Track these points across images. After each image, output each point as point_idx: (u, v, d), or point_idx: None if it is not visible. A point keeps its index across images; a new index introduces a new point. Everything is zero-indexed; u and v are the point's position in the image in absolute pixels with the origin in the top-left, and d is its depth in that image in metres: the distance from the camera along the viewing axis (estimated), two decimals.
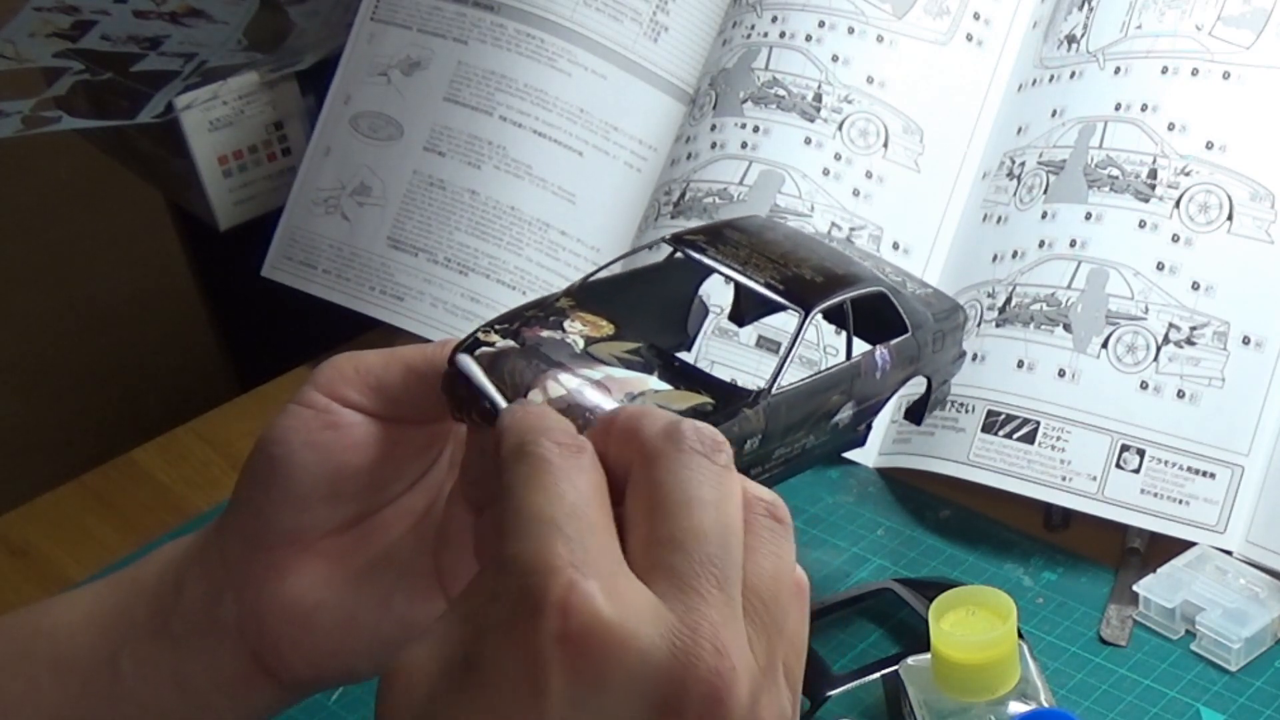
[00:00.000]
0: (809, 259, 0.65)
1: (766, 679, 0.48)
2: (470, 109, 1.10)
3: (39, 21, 1.31)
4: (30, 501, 1.05)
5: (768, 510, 0.50)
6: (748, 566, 0.49)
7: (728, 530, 0.48)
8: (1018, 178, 0.97)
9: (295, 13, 1.31)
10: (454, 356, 0.57)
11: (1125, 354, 0.90)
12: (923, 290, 0.75)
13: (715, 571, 0.47)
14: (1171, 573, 0.85)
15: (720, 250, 0.64)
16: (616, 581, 0.47)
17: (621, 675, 0.46)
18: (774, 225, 0.68)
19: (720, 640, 0.46)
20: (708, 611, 0.47)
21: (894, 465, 0.96)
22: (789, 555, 0.50)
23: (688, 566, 0.47)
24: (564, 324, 0.59)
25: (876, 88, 1.01)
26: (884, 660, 0.80)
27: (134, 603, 0.63)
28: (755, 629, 0.48)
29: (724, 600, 0.47)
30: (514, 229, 1.08)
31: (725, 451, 0.50)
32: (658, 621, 0.46)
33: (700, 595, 0.47)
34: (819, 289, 0.64)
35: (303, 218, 1.14)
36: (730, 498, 0.49)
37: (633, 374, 0.57)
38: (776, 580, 0.49)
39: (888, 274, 0.72)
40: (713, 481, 0.49)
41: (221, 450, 1.08)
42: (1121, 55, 0.96)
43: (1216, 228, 0.90)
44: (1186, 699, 0.81)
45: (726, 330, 0.97)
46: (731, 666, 0.46)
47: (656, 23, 1.10)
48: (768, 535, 0.50)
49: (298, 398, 0.60)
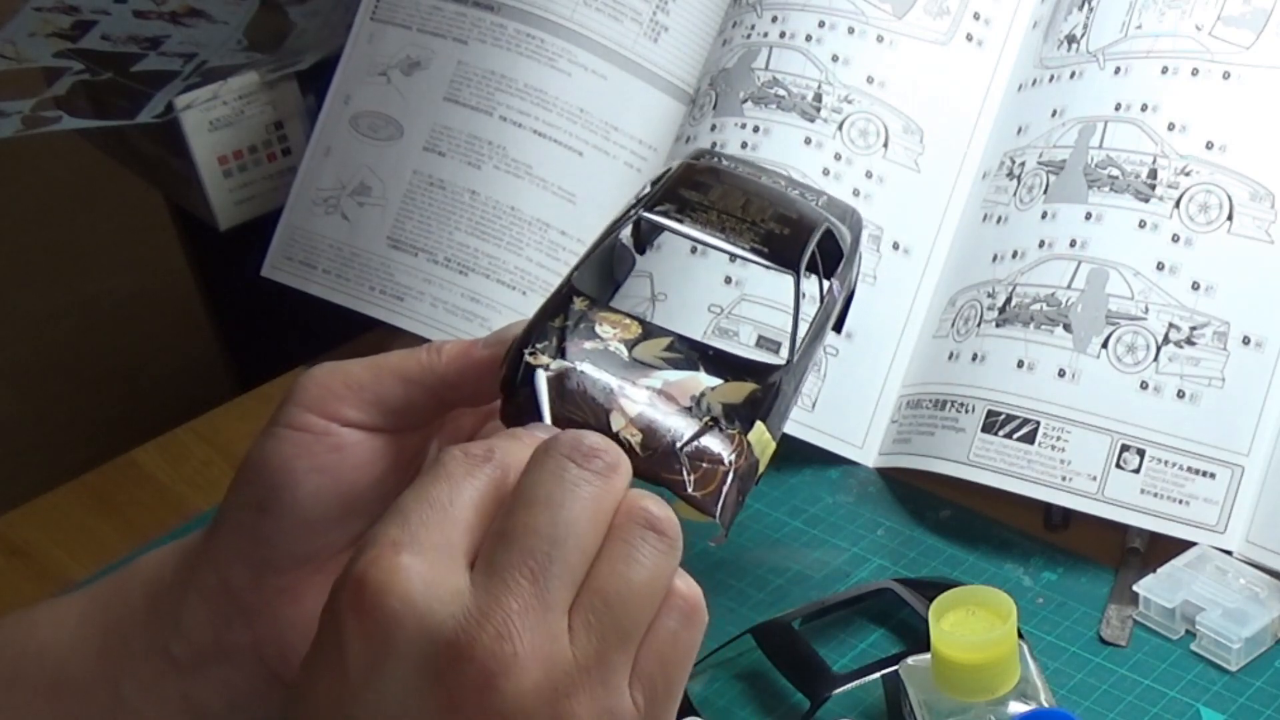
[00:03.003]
0: (765, 207, 0.67)
1: (588, 678, 0.50)
2: (470, 109, 1.10)
3: (39, 21, 1.31)
4: (30, 501, 1.05)
5: (647, 522, 0.51)
6: (599, 568, 0.50)
7: (564, 528, 0.50)
8: (1018, 178, 0.97)
9: (295, 13, 1.31)
10: (519, 391, 0.57)
11: (1125, 354, 0.90)
12: (823, 200, 0.75)
13: (532, 565, 0.49)
14: (1171, 573, 0.85)
15: (692, 218, 0.66)
16: (433, 564, 0.49)
17: (406, 645, 0.48)
18: (716, 171, 0.69)
19: (508, 626, 0.48)
20: (506, 599, 0.49)
21: (894, 465, 0.97)
22: (660, 567, 0.51)
23: (506, 558, 0.50)
24: (596, 329, 0.60)
25: (876, 88, 1.01)
26: (884, 660, 0.80)
27: (127, 627, 0.62)
28: (584, 627, 0.50)
29: (532, 592, 0.49)
30: (514, 229, 1.08)
31: (602, 458, 0.51)
32: (453, 602, 0.49)
33: (505, 585, 0.49)
34: (792, 242, 0.66)
35: (303, 218, 1.14)
36: (584, 500, 0.51)
37: (684, 374, 0.59)
38: (631, 587, 0.51)
39: (806, 199, 0.73)
40: (567, 482, 0.51)
41: (221, 450, 1.08)
42: (1121, 55, 0.96)
43: (1216, 228, 0.90)
44: (1186, 699, 0.81)
45: (726, 331, 0.97)
46: (513, 652, 0.48)
47: (656, 23, 1.10)
48: (636, 543, 0.51)
49: (286, 419, 0.60)
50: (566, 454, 0.51)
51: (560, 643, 0.49)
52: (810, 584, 0.90)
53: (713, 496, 0.57)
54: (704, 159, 0.71)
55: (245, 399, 1.13)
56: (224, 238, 1.24)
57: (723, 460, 0.57)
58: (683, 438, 0.57)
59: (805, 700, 0.80)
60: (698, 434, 0.57)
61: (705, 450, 0.57)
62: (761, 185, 0.69)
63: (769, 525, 0.94)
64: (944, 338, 0.97)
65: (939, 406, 0.95)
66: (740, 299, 0.98)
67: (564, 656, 0.49)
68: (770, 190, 0.69)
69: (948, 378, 0.95)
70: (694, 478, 0.56)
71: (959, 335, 0.96)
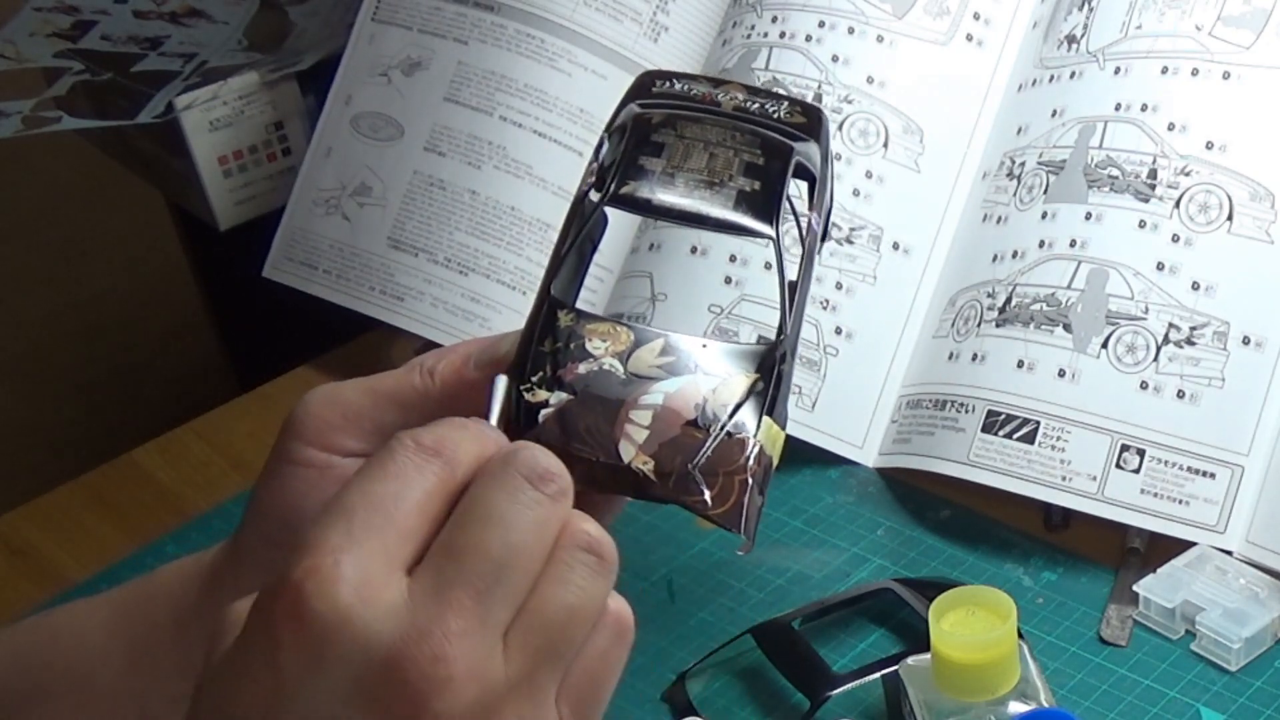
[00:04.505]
0: (730, 159, 0.64)
1: (517, 695, 0.50)
2: (470, 109, 1.10)
3: (39, 21, 1.31)
4: (30, 501, 1.05)
5: (587, 546, 0.51)
6: (540, 590, 0.50)
7: (514, 551, 0.50)
8: (1018, 178, 0.97)
9: (295, 13, 1.31)
10: (524, 435, 0.56)
11: (1125, 354, 0.90)
12: (785, 108, 0.69)
13: (477, 585, 0.49)
14: (1171, 573, 0.85)
15: (661, 191, 0.62)
16: (373, 575, 0.48)
17: (340, 660, 0.48)
18: (672, 120, 0.64)
19: (444, 648, 0.48)
20: (448, 620, 0.48)
21: (894, 465, 0.97)
22: (596, 590, 0.51)
23: (453, 575, 0.49)
24: (587, 348, 0.59)
25: (876, 88, 1.01)
26: (884, 660, 0.80)
27: (155, 645, 0.62)
28: (520, 648, 0.50)
29: (474, 613, 0.49)
30: (514, 229, 1.08)
31: (556, 482, 0.51)
32: (391, 618, 0.48)
33: (448, 604, 0.49)
34: (764, 197, 0.63)
35: (303, 218, 1.14)
36: (535, 524, 0.50)
37: (682, 381, 0.58)
38: (569, 610, 0.51)
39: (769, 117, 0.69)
40: (520, 503, 0.50)
41: (221, 450, 1.08)
42: (1121, 55, 0.96)
43: (1216, 228, 0.90)
44: (1186, 699, 0.81)
45: (726, 331, 0.97)
46: (447, 675, 0.48)
47: (656, 23, 1.10)
48: (577, 567, 0.51)
49: (290, 455, 0.60)
50: (525, 474, 0.51)
51: (494, 662, 0.49)
52: (810, 584, 0.90)
53: (735, 511, 0.56)
54: (652, 93, 0.66)
55: (245, 399, 1.13)
56: (224, 238, 1.24)
57: (738, 470, 0.56)
58: (694, 456, 0.56)
59: (805, 700, 0.80)
60: (708, 448, 0.57)
61: (719, 463, 0.56)
62: (721, 125, 0.65)
63: (769, 525, 0.94)
64: (944, 338, 0.97)
65: (939, 406, 0.95)
66: (740, 299, 0.98)
67: (497, 676, 0.49)
68: (731, 129, 0.65)
69: (948, 378, 0.95)
70: (712, 495, 0.56)
71: (959, 335, 0.96)
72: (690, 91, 0.66)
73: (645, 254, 1.02)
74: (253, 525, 0.61)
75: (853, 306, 0.99)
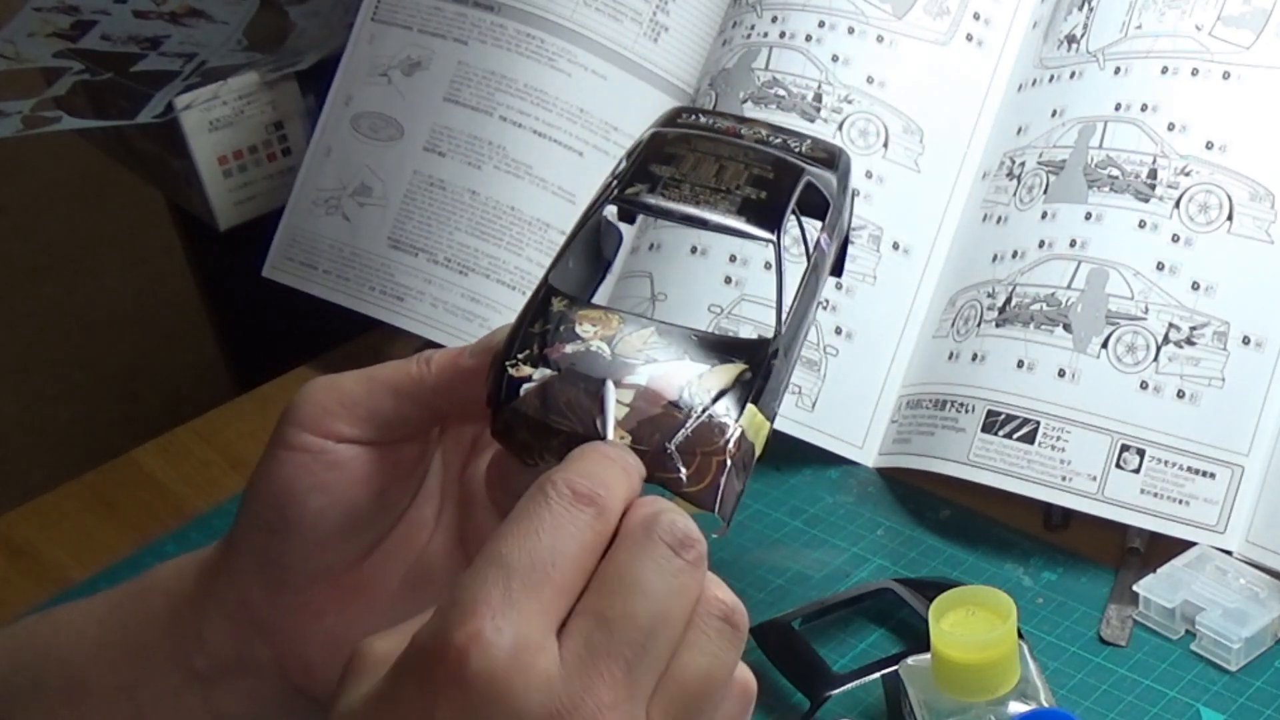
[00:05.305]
0: (739, 172, 0.64)
1: None
2: (470, 109, 1.10)
3: (39, 21, 1.31)
4: (30, 501, 1.06)
5: (723, 614, 0.52)
6: (680, 658, 0.51)
7: (661, 621, 0.50)
8: (1018, 178, 0.97)
9: (295, 13, 1.31)
10: (504, 407, 0.57)
11: (1125, 354, 0.90)
12: (807, 145, 0.71)
13: (628, 655, 0.50)
14: (1171, 573, 0.85)
15: (665, 195, 0.63)
16: (531, 640, 0.49)
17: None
18: (686, 138, 0.66)
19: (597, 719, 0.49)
20: (601, 691, 0.49)
21: (894, 465, 0.97)
22: (729, 659, 0.52)
23: (604, 645, 0.50)
24: (576, 330, 0.59)
25: (876, 88, 1.01)
26: (884, 660, 0.80)
27: (149, 638, 0.63)
28: (661, 716, 0.51)
29: (625, 683, 0.49)
30: (514, 229, 1.08)
31: (696, 549, 0.52)
32: (545, 689, 0.49)
33: (600, 675, 0.49)
34: (769, 206, 0.64)
35: (303, 218, 1.14)
36: (679, 592, 0.51)
37: (669, 364, 0.58)
38: (707, 679, 0.51)
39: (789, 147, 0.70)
40: (666, 572, 0.51)
41: (221, 450, 1.08)
42: (1121, 55, 0.96)
43: (1216, 228, 0.90)
44: (1186, 699, 0.81)
45: (727, 331, 0.97)
46: None
47: (656, 23, 1.10)
48: (713, 635, 0.52)
49: (286, 440, 0.60)
50: (668, 541, 0.51)
51: None
52: (810, 584, 0.90)
53: (710, 490, 0.56)
54: (676, 123, 0.68)
55: (245, 399, 1.13)
56: (224, 238, 1.24)
57: (716, 450, 0.56)
58: (672, 434, 0.56)
59: (805, 700, 0.80)
60: (688, 428, 0.57)
61: (697, 443, 0.56)
62: (737, 146, 0.66)
63: (769, 525, 0.94)
64: (944, 338, 0.97)
65: (939, 406, 0.95)
66: (740, 299, 0.98)
67: None
68: (746, 150, 0.66)
69: (948, 378, 0.95)
70: (689, 473, 0.56)
71: (959, 335, 0.96)
72: (714, 125, 0.67)
73: (645, 254, 1.02)
74: (244, 514, 0.61)
75: (853, 306, 0.99)
